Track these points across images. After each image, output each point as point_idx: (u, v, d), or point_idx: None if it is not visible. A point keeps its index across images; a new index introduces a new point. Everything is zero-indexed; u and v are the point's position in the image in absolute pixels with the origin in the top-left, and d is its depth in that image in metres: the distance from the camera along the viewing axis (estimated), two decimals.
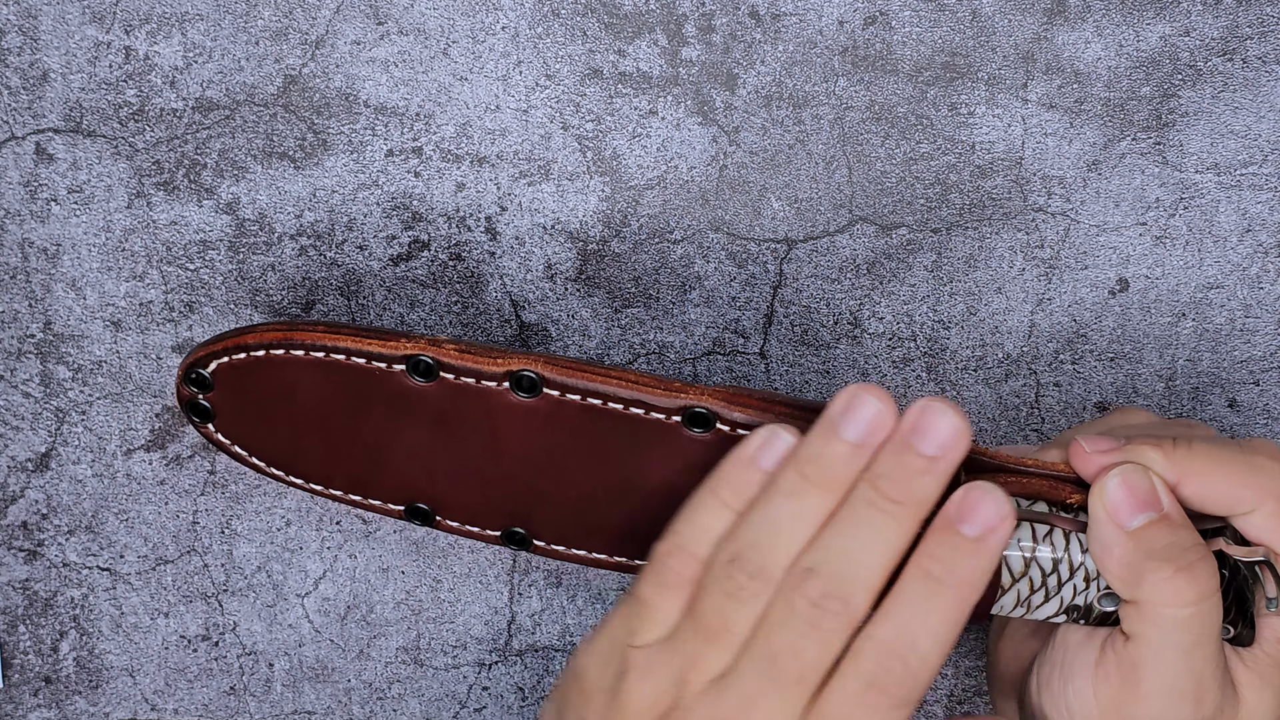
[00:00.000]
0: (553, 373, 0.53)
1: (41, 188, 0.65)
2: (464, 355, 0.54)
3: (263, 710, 0.69)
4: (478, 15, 0.64)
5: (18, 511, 0.67)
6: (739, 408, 0.53)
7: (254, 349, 0.55)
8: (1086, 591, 0.53)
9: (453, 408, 0.54)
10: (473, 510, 0.57)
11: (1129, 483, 0.53)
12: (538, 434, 0.54)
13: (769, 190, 0.65)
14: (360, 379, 0.54)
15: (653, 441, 0.54)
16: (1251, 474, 0.54)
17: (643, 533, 0.56)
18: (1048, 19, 0.63)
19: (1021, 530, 0.53)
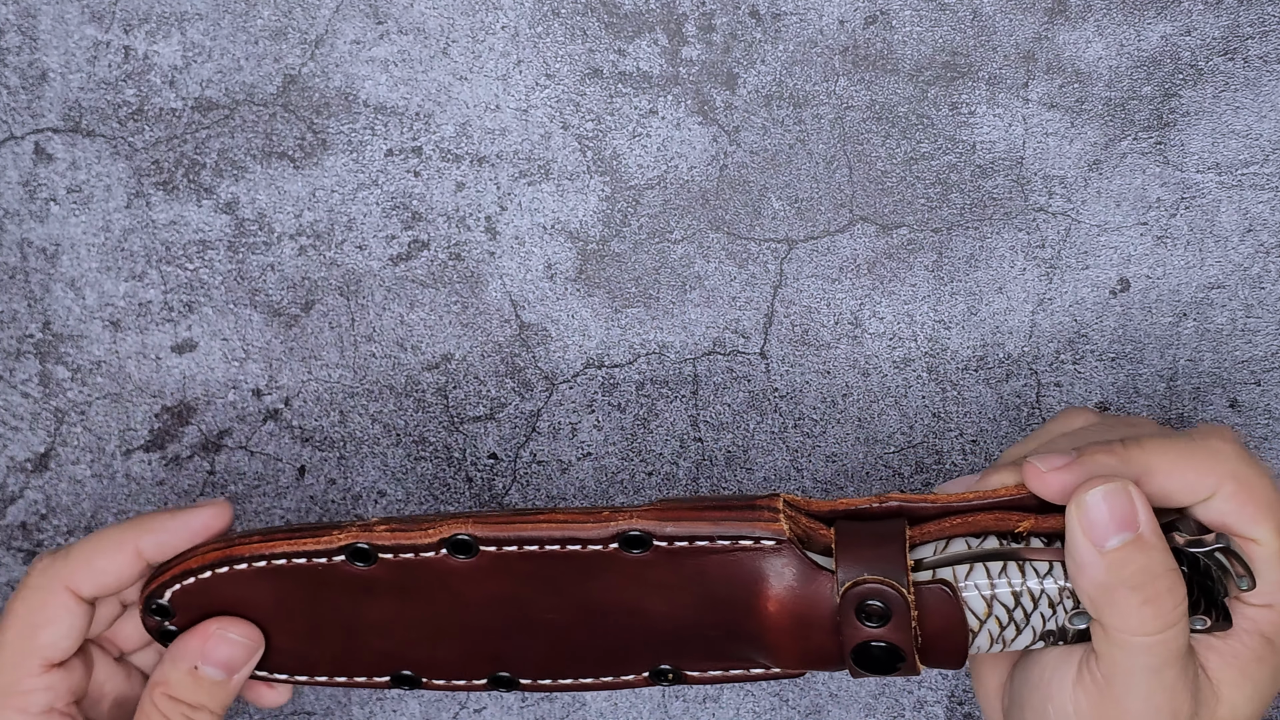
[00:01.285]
0: (483, 531, 0.55)
1: (40, 187, 0.65)
2: (396, 534, 0.55)
3: (263, 711, 0.68)
4: (478, 15, 0.64)
5: (17, 512, 0.67)
6: (671, 522, 0.54)
7: (199, 572, 0.56)
8: (1055, 616, 0.53)
9: (404, 580, 0.56)
10: (454, 665, 0.58)
11: (1110, 501, 0.52)
12: (492, 587, 0.55)
13: (769, 190, 0.65)
14: (308, 575, 0.56)
15: (599, 570, 0.55)
16: (1208, 460, 0.54)
17: (622, 651, 0.57)
18: (1049, 18, 0.63)
19: (975, 572, 0.53)
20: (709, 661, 0.57)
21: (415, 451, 0.67)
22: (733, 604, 0.55)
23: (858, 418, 0.66)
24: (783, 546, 0.54)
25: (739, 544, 0.54)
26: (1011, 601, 0.53)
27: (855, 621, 0.53)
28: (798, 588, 0.54)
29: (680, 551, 0.54)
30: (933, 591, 0.53)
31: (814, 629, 0.54)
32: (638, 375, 0.66)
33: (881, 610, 0.53)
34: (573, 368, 0.66)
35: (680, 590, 0.55)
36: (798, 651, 0.55)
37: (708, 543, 0.54)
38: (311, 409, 0.66)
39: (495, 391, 0.66)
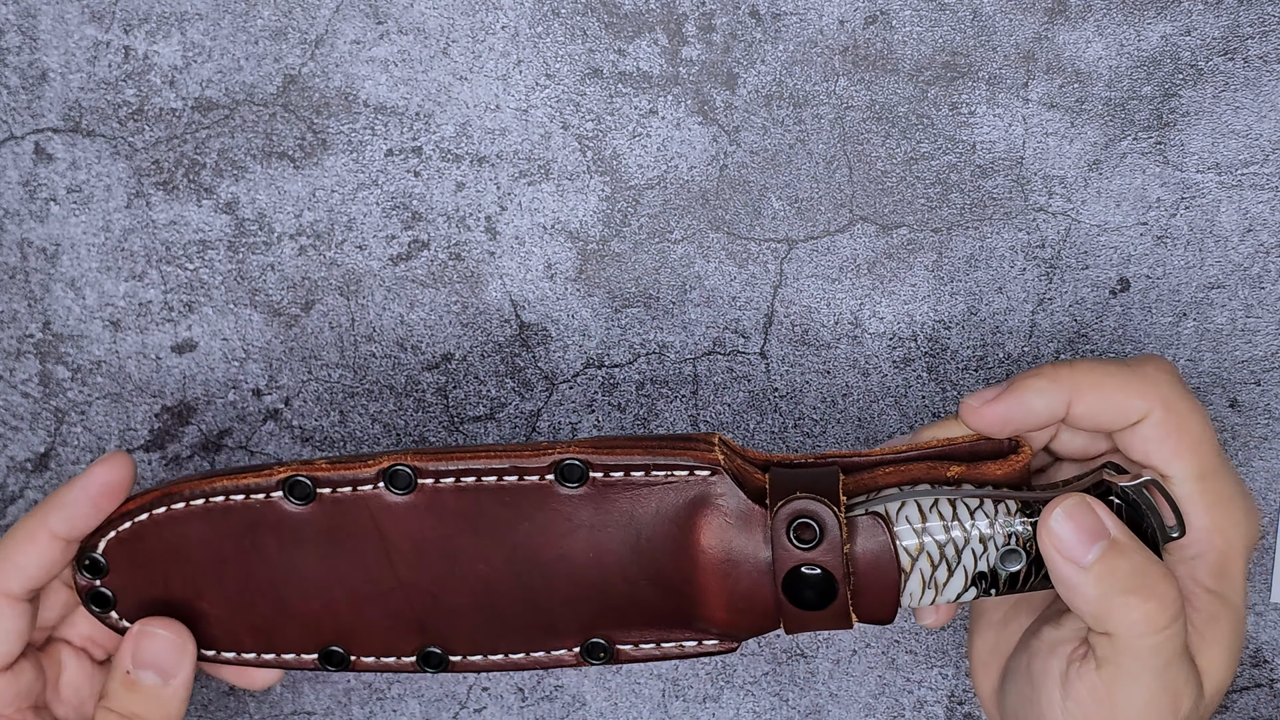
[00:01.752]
0: (422, 462, 0.55)
1: (40, 187, 0.65)
2: (335, 466, 0.55)
3: (262, 711, 0.68)
4: (478, 15, 0.64)
5: (17, 512, 0.67)
6: (605, 452, 0.55)
7: (136, 514, 0.56)
8: (986, 554, 0.53)
9: (338, 524, 0.55)
10: (383, 636, 0.57)
11: (1073, 516, 0.52)
12: (424, 529, 0.55)
13: (769, 190, 0.65)
14: (244, 517, 0.56)
15: (533, 508, 0.55)
16: (1140, 383, 0.54)
17: (549, 616, 0.57)
18: (1049, 18, 0.63)
19: (908, 508, 0.54)
20: (639, 629, 0.57)
21: None
22: (663, 543, 0.55)
23: (858, 418, 0.66)
24: (716, 476, 0.54)
25: (673, 475, 0.54)
26: (943, 537, 0.53)
27: (786, 542, 0.53)
28: (731, 520, 0.54)
29: (615, 484, 0.54)
30: (864, 521, 0.53)
31: (745, 566, 0.54)
32: (638, 375, 0.66)
33: (814, 532, 0.53)
34: (573, 368, 0.66)
35: (611, 532, 0.55)
36: (727, 595, 0.55)
37: (643, 474, 0.54)
38: (311, 409, 0.66)
39: (495, 391, 0.66)
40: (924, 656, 0.68)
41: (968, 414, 0.54)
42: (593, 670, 0.68)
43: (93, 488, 0.56)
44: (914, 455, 0.55)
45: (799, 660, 0.68)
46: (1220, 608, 0.55)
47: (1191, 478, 0.54)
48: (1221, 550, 0.55)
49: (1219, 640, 0.54)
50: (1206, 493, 0.54)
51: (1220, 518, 0.54)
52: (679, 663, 0.68)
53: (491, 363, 0.66)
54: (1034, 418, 0.54)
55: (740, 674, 0.68)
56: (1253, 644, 0.67)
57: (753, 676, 0.68)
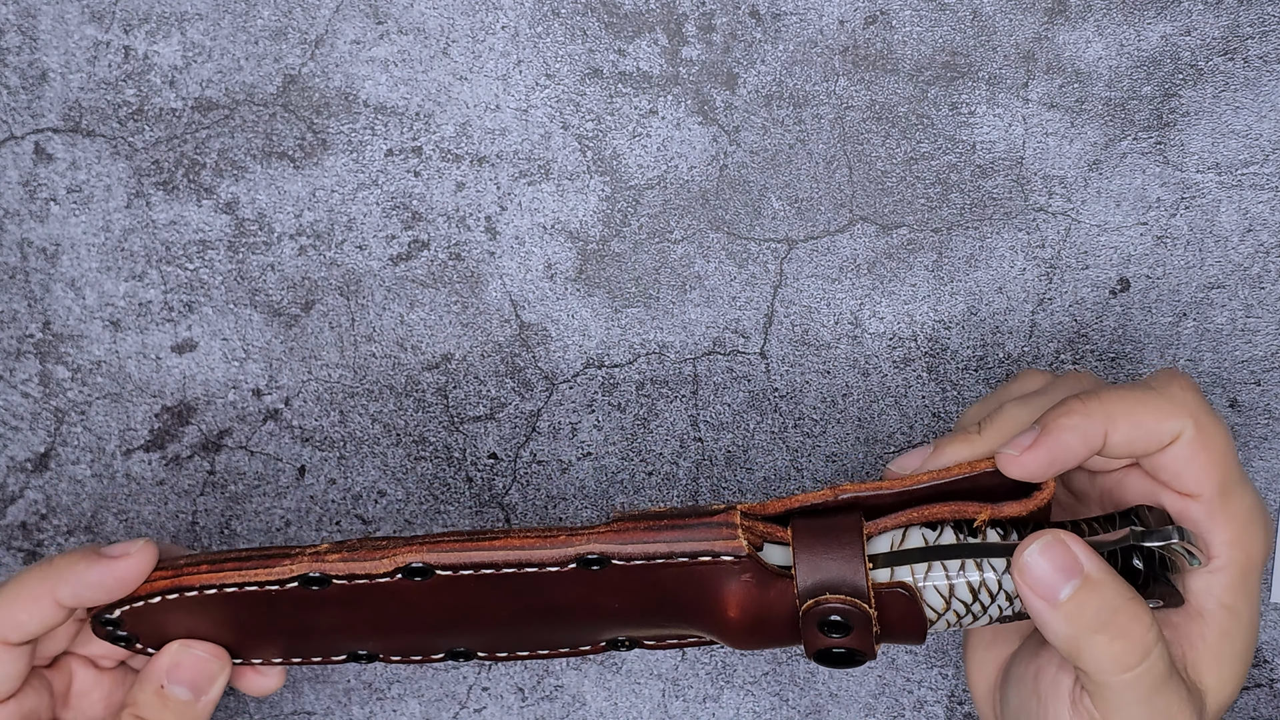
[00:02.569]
0: (437, 558, 0.54)
1: (40, 187, 0.65)
2: (349, 563, 0.55)
3: (263, 710, 0.68)
4: (478, 15, 0.64)
5: (17, 512, 0.67)
6: (628, 543, 0.54)
7: (148, 598, 0.56)
8: (1013, 605, 0.54)
9: (356, 597, 0.55)
10: (408, 650, 0.58)
11: (1048, 555, 0.52)
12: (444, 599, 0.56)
13: (769, 190, 0.65)
14: (258, 598, 0.56)
15: (554, 585, 0.55)
16: (1170, 404, 0.53)
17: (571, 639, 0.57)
18: (1049, 18, 0.63)
19: (934, 572, 0.53)
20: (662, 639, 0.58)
21: (415, 451, 0.67)
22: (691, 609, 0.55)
23: (858, 418, 0.66)
24: (741, 562, 0.54)
25: (698, 560, 0.54)
26: (969, 597, 0.53)
27: (817, 634, 0.53)
28: (757, 594, 0.54)
29: (638, 568, 0.54)
30: (892, 595, 0.53)
31: (772, 626, 0.54)
32: (638, 375, 0.66)
33: (843, 625, 0.53)
34: (573, 368, 0.66)
35: (638, 595, 0.55)
36: (758, 644, 0.55)
37: (665, 560, 0.54)
38: (311, 409, 0.66)
39: (495, 391, 0.66)
40: (924, 656, 0.68)
41: (1008, 465, 0.53)
42: (593, 670, 0.68)
43: (111, 578, 0.56)
44: (936, 491, 0.54)
45: (799, 660, 0.68)
46: (1234, 623, 0.54)
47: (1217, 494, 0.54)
48: (1241, 565, 0.54)
49: (1231, 656, 0.54)
50: (1229, 507, 0.54)
51: (1240, 532, 0.54)
52: (679, 663, 0.68)
53: (491, 363, 0.66)
54: (1074, 457, 0.53)
55: (740, 674, 0.68)
56: None
57: (753, 676, 0.68)
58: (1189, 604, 0.54)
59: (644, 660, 0.68)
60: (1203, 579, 0.54)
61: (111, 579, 0.56)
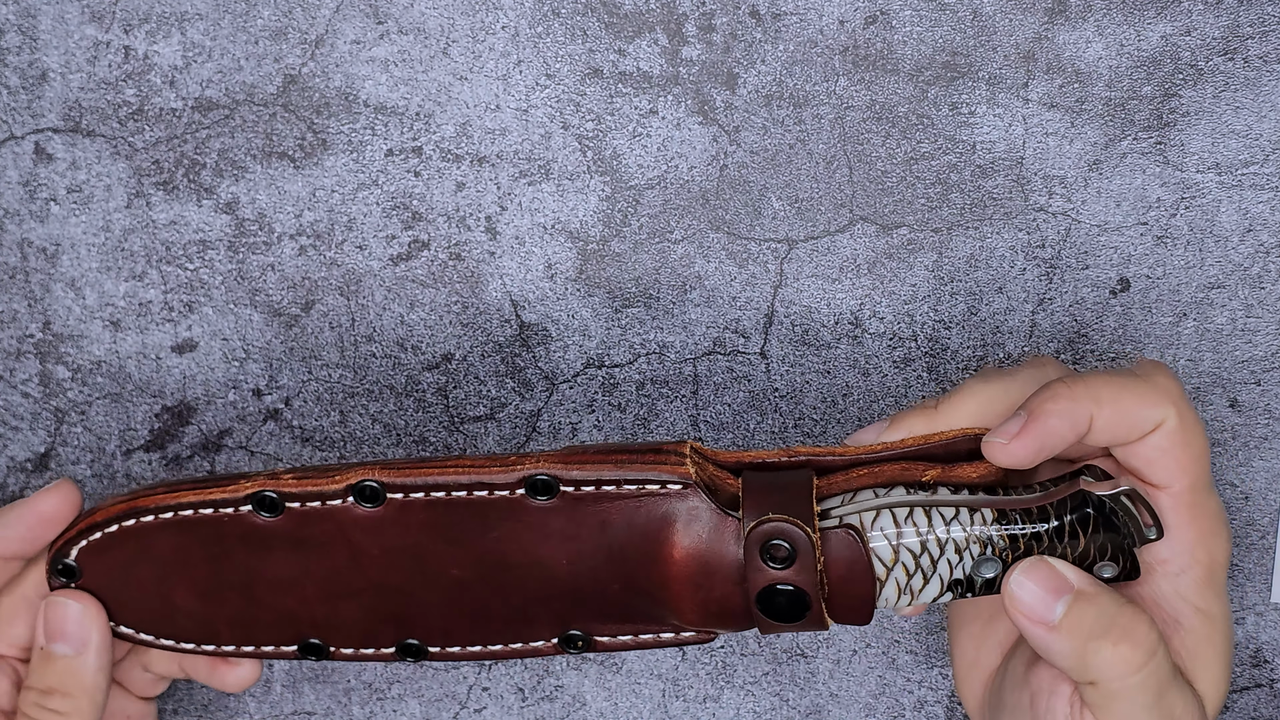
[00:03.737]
0: (390, 477, 0.54)
1: (41, 187, 0.65)
2: (302, 481, 0.55)
3: (262, 711, 0.68)
4: (478, 14, 0.64)
5: None
6: (575, 466, 0.54)
7: (105, 526, 0.56)
8: (961, 563, 0.53)
9: (306, 534, 0.55)
10: (359, 630, 0.57)
11: (1033, 578, 0.52)
12: (392, 538, 0.55)
13: (769, 190, 0.65)
14: (212, 528, 0.55)
15: (503, 519, 0.55)
16: (1155, 393, 0.53)
17: (524, 611, 0.57)
18: (1049, 18, 0.63)
19: (883, 518, 0.53)
20: (614, 623, 0.57)
21: (415, 451, 0.67)
22: (636, 554, 0.55)
23: (858, 418, 0.66)
24: (688, 490, 0.54)
25: (645, 489, 0.54)
26: (918, 548, 0.53)
27: (760, 563, 0.53)
28: (703, 533, 0.54)
29: (585, 498, 0.54)
30: (838, 535, 0.53)
31: (718, 577, 0.54)
32: (638, 375, 0.66)
33: (787, 551, 0.53)
34: (573, 368, 0.66)
35: (582, 541, 0.55)
36: (699, 604, 0.54)
37: (613, 488, 0.54)
38: (311, 409, 0.66)
39: (495, 391, 0.66)
40: (924, 656, 0.68)
41: (996, 453, 0.53)
42: (593, 670, 0.68)
43: (31, 517, 0.56)
44: (889, 455, 0.55)
45: (799, 660, 0.68)
46: (1211, 627, 0.54)
47: (1188, 489, 0.54)
48: (1207, 565, 0.54)
49: (1214, 659, 0.54)
50: (1196, 505, 0.54)
51: (1207, 532, 0.54)
52: (679, 663, 0.68)
53: (491, 363, 0.66)
54: (1061, 442, 0.53)
55: (740, 674, 0.68)
56: (1253, 644, 0.67)
57: (753, 676, 0.68)
58: (1165, 614, 0.54)
59: (644, 660, 0.68)
60: (1170, 582, 0.54)
61: (32, 517, 0.56)
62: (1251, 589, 0.67)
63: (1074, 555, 0.53)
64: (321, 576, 0.56)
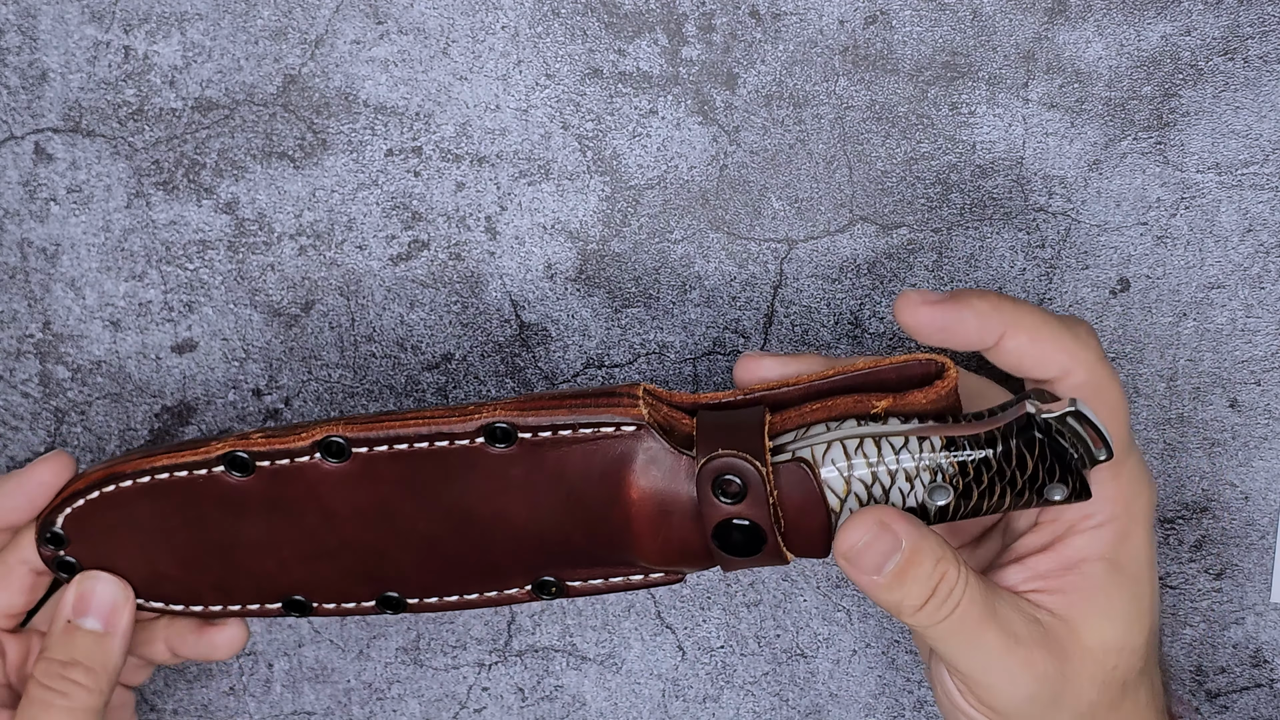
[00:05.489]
0: (354, 431, 0.56)
1: (40, 187, 0.65)
2: (270, 440, 0.56)
3: (262, 711, 0.68)
4: (478, 15, 0.64)
5: None
6: (531, 413, 0.55)
7: (87, 493, 0.57)
8: (914, 491, 0.54)
9: (278, 494, 0.57)
10: (338, 587, 0.59)
11: (865, 534, 0.53)
12: (361, 494, 0.56)
13: (769, 190, 0.65)
14: (187, 490, 0.57)
15: (465, 469, 0.56)
16: (1073, 341, 0.54)
17: (494, 562, 0.58)
18: (1049, 18, 0.63)
19: (833, 450, 0.54)
20: (583, 569, 0.58)
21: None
22: (595, 499, 0.55)
23: None
24: (642, 431, 0.54)
25: (600, 432, 0.55)
26: (869, 478, 0.54)
27: (713, 498, 0.54)
28: (658, 473, 0.55)
29: (543, 443, 0.55)
30: (789, 469, 0.53)
31: (675, 516, 0.55)
32: (638, 375, 0.66)
33: (739, 486, 0.53)
34: (573, 368, 0.66)
35: (543, 489, 0.56)
36: (660, 544, 0.55)
37: (570, 432, 0.55)
38: (311, 409, 0.66)
39: (495, 391, 0.66)
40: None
41: (905, 306, 0.54)
42: (593, 670, 0.68)
43: (30, 484, 0.58)
44: (840, 384, 0.55)
45: (799, 660, 0.68)
46: (1111, 574, 0.56)
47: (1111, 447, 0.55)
48: (1124, 522, 0.56)
49: (1107, 604, 0.56)
50: (1115, 463, 0.55)
51: (1125, 487, 0.56)
52: (679, 663, 0.68)
53: (491, 363, 0.66)
54: (964, 337, 0.54)
55: (740, 674, 0.68)
56: (1253, 644, 0.67)
57: (753, 676, 0.68)
58: (1064, 557, 0.56)
59: (644, 660, 0.68)
60: (1086, 536, 0.55)
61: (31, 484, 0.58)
62: (1251, 589, 0.67)
63: (1024, 478, 0.53)
64: (297, 538, 0.57)
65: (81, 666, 0.57)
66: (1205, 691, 0.68)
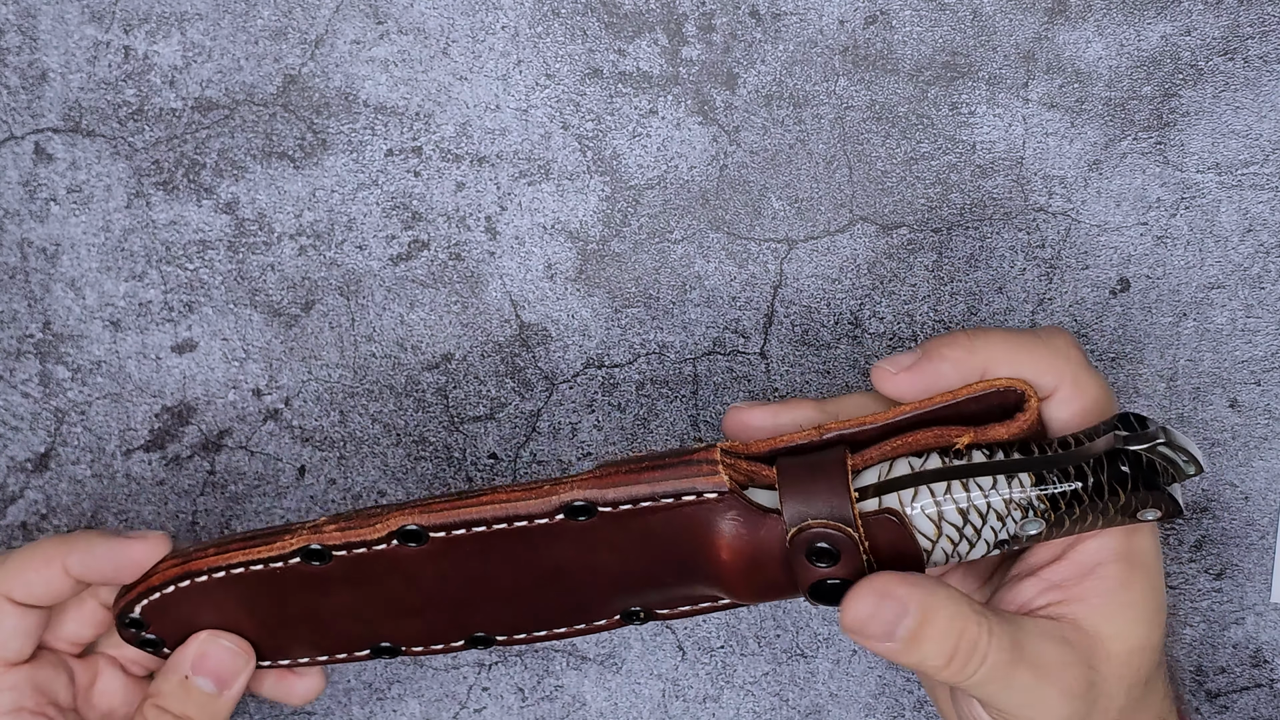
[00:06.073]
0: (430, 519, 0.55)
1: (40, 187, 0.65)
2: (345, 532, 0.56)
3: (262, 711, 0.68)
4: (478, 14, 0.64)
5: (17, 512, 0.67)
6: (611, 488, 0.54)
7: (162, 588, 0.57)
8: (1005, 527, 0.54)
9: (359, 574, 0.56)
10: (426, 636, 0.59)
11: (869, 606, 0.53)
12: (445, 569, 0.56)
13: (769, 190, 0.65)
14: (265, 578, 0.57)
15: (548, 540, 0.55)
16: (1050, 357, 0.54)
17: (584, 604, 0.57)
18: (1049, 18, 0.63)
19: (921, 496, 0.53)
20: (673, 603, 0.58)
21: (415, 451, 0.67)
22: (684, 557, 0.55)
23: None
24: (725, 498, 0.54)
25: (682, 500, 0.54)
26: (959, 520, 0.53)
27: (806, 563, 0.53)
28: (746, 534, 0.54)
29: (625, 514, 0.54)
30: (880, 522, 0.53)
31: (768, 569, 0.54)
32: (638, 375, 0.66)
33: (831, 551, 0.53)
34: (573, 368, 0.66)
35: (629, 549, 0.55)
36: (755, 588, 0.55)
37: (651, 502, 0.54)
38: (311, 409, 0.66)
39: (495, 391, 0.66)
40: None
41: (882, 380, 0.54)
42: (593, 670, 0.68)
43: (122, 557, 0.57)
44: (920, 417, 0.55)
45: (799, 660, 0.68)
46: (1128, 571, 0.55)
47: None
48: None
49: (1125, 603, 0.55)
50: None
51: None
52: (679, 663, 0.68)
53: (491, 363, 0.66)
54: (948, 387, 0.54)
55: (740, 674, 0.68)
56: (1253, 644, 0.67)
57: (753, 676, 0.68)
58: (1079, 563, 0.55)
59: (644, 660, 0.68)
60: (1097, 539, 0.55)
61: (122, 556, 0.57)
62: (1251, 589, 0.67)
63: (1115, 509, 0.53)
64: (382, 602, 0.57)
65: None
66: (1205, 691, 0.68)
